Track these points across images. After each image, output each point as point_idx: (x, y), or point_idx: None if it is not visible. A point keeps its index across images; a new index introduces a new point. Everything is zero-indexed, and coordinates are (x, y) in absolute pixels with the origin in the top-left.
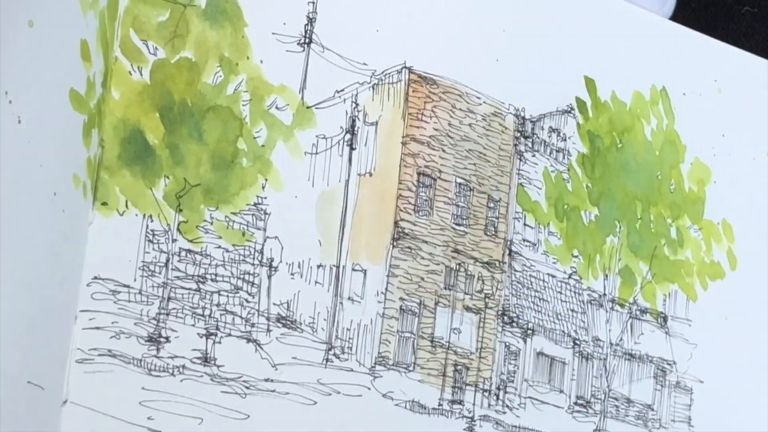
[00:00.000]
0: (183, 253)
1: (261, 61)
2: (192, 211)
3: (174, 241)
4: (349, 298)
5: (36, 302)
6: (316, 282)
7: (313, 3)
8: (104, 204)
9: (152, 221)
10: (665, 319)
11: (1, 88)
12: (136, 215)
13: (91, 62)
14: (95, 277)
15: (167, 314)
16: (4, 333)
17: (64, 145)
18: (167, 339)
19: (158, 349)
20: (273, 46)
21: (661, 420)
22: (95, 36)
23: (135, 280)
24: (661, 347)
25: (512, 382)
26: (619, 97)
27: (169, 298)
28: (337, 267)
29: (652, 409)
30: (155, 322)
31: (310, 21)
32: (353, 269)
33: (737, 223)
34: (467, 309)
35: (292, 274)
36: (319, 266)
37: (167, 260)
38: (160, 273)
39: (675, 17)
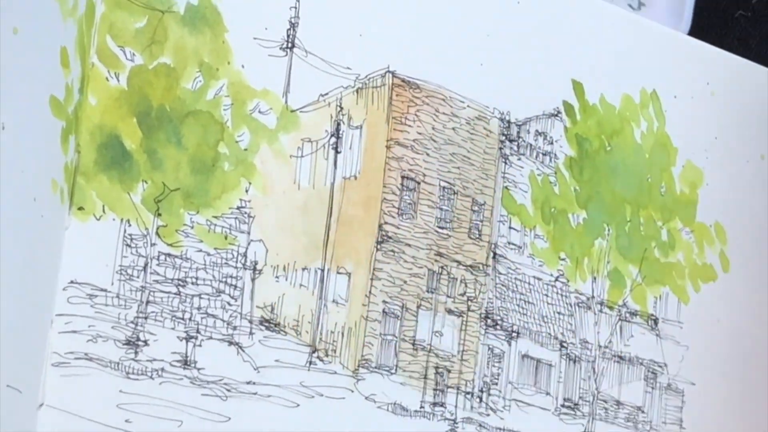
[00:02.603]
0: (162, 257)
1: (242, 66)
2: (171, 215)
3: (153, 245)
4: (333, 301)
5: (13, 306)
6: (300, 285)
7: (295, 8)
8: (81, 209)
9: (130, 226)
10: (656, 321)
11: None
12: (114, 220)
13: (69, 69)
14: (71, 281)
15: (146, 318)
16: None
17: (44, 151)
18: (146, 342)
19: (136, 353)
20: (255, 51)
21: (651, 422)
22: (74, 42)
23: (112, 284)
24: (651, 349)
25: (496, 384)
26: (608, 100)
27: (147, 302)
28: (322, 270)
29: (643, 411)
30: (133, 326)
31: (293, 26)
32: (338, 272)
33: (730, 226)
34: (449, 312)
35: (276, 277)
36: (304, 269)
37: (146, 264)
38: (138, 277)
39: None
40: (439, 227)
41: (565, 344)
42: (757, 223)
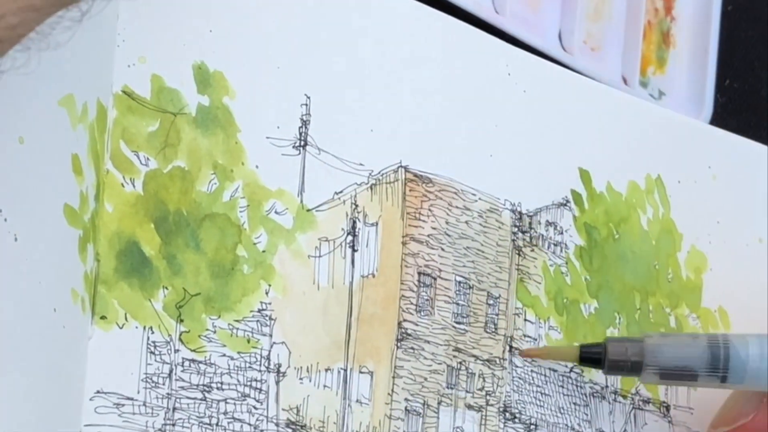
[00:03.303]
0: (186, 363)
1: (256, 166)
2: (193, 321)
3: (176, 351)
4: (357, 401)
5: (40, 419)
6: (324, 386)
7: (306, 105)
8: (103, 318)
9: (153, 333)
10: (668, 408)
11: None
12: (137, 327)
13: (83, 176)
14: (98, 391)
15: (173, 425)
16: None
17: (61, 260)
18: None
19: None
20: (268, 151)
21: None
22: (86, 149)
23: (138, 392)
24: None
25: None
26: (614, 187)
27: (174, 409)
28: (345, 370)
29: None
30: None
31: (304, 123)
32: (360, 371)
33: (733, 310)
34: (469, 407)
35: (300, 378)
36: (327, 370)
37: (170, 371)
38: (163, 384)
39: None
40: (456, 322)
41: None
42: (758, 307)
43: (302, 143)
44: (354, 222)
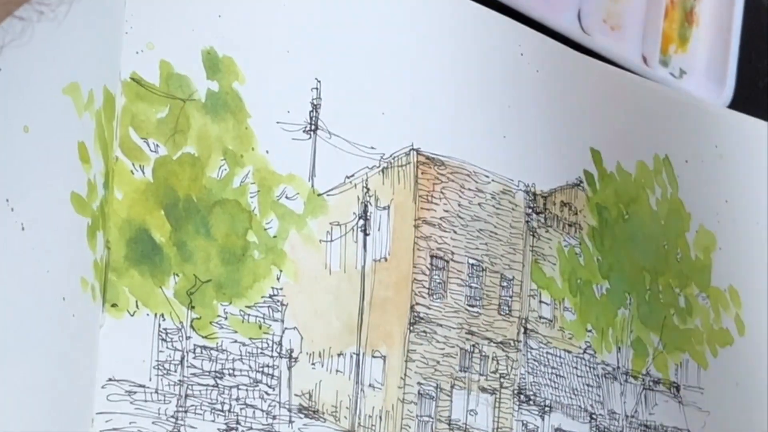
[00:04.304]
0: (198, 350)
1: (267, 152)
2: (205, 307)
3: (188, 338)
4: (370, 385)
5: (52, 408)
6: (337, 370)
7: (317, 89)
8: (114, 305)
9: (164, 320)
10: (678, 388)
11: (1, 195)
12: (148, 315)
13: (90, 164)
14: (110, 379)
15: (185, 411)
16: None
17: (70, 249)
18: None
19: None
20: (278, 136)
21: None
22: (93, 137)
23: (150, 379)
24: (675, 417)
25: None
26: (623, 167)
27: (186, 396)
28: (357, 354)
29: None
30: (174, 420)
31: (315, 107)
32: (373, 356)
33: (743, 289)
34: (483, 390)
35: (312, 363)
36: (339, 354)
37: (182, 358)
38: (175, 371)
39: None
40: (469, 305)
41: (594, 416)
42: None
43: (313, 127)
44: (366, 206)
